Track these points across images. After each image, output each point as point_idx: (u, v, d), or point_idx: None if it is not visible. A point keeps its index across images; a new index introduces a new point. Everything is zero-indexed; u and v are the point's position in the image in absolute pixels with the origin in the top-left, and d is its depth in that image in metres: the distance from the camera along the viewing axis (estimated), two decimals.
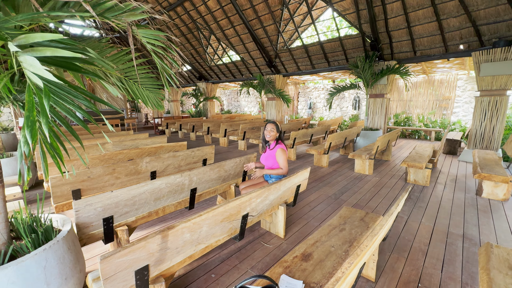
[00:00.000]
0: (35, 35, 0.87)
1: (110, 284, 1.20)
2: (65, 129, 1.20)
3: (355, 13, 6.74)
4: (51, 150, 1.02)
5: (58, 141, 1.04)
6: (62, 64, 1.02)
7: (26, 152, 1.21)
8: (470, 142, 5.83)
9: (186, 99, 20.48)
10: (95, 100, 1.09)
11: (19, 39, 0.91)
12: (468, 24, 5.55)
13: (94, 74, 1.26)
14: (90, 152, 4.16)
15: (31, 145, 0.90)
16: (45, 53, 0.89)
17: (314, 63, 8.99)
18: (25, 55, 0.88)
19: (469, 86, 9.02)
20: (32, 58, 0.86)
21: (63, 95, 1.03)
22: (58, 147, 1.03)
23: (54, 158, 1.28)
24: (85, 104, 1.19)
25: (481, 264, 1.59)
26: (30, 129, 0.86)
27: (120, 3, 1.35)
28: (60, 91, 1.01)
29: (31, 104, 0.88)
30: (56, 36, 1.00)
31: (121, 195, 1.98)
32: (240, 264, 2.20)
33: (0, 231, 1.39)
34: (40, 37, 0.87)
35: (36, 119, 1.04)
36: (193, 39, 11.49)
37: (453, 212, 3.20)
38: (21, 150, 1.19)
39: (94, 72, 1.28)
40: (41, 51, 0.89)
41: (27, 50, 0.89)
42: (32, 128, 0.87)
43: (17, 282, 1.30)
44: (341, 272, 1.00)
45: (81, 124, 1.20)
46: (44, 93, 0.87)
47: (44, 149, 1.06)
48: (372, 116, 7.51)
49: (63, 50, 0.88)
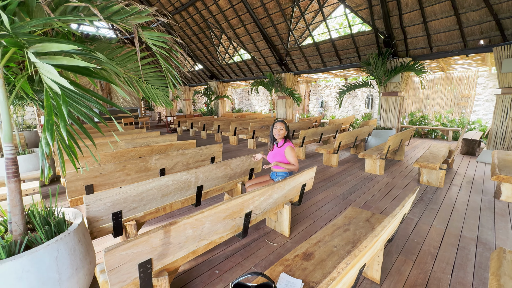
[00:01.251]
0: (52, 44, 0.92)
1: (114, 276, 1.25)
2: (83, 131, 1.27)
3: (368, 9, 6.56)
4: (67, 149, 1.08)
5: (73, 140, 1.11)
6: (76, 70, 1.08)
7: (47, 152, 1.29)
8: (490, 142, 5.55)
9: (198, 98, 20.77)
10: (106, 103, 1.15)
11: (36, 47, 0.97)
12: (489, 18, 5.27)
13: (103, 78, 1.32)
14: (104, 149, 4.33)
15: (51, 146, 0.96)
16: (62, 62, 0.94)
17: (326, 61, 8.85)
18: (43, 62, 0.93)
19: (491, 84, 8.57)
20: (49, 65, 0.91)
21: (78, 99, 1.09)
22: (73, 146, 1.09)
23: (70, 156, 1.36)
24: (97, 106, 1.24)
25: (492, 270, 1.53)
26: (50, 132, 0.92)
27: (126, 6, 1.40)
28: (74, 95, 1.07)
29: (50, 108, 0.94)
30: (71, 47, 1.05)
31: (129, 191, 2.05)
32: (244, 261, 2.22)
33: (16, 222, 1.49)
34: (57, 47, 0.92)
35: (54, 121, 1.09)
36: (204, 39, 11.62)
37: (468, 215, 3.07)
38: (42, 150, 1.27)
39: (103, 75, 1.34)
40: (58, 60, 0.94)
41: (43, 58, 0.95)
42: (51, 130, 0.93)
43: (32, 271, 1.39)
44: (337, 272, 1.00)
45: (93, 125, 1.26)
46: (62, 100, 0.92)
47: (61, 148, 1.13)
48: (384, 114, 7.30)
49: (78, 60, 0.93)
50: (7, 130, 1.44)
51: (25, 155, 4.05)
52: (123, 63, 2.06)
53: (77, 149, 4.10)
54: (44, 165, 1.37)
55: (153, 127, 13.97)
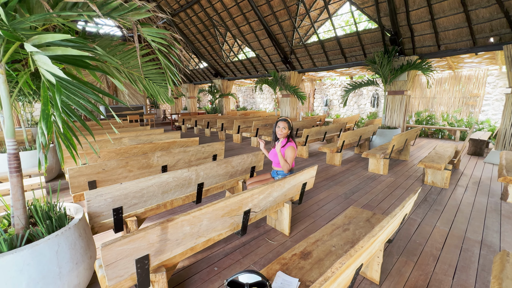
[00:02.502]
0: (47, 35, 0.93)
1: (111, 271, 1.27)
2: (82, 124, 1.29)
3: (374, 6, 6.45)
4: (66, 141, 1.09)
5: (72, 133, 1.12)
6: (72, 61, 1.09)
7: (43, 143, 1.31)
8: (499, 143, 5.42)
9: (203, 96, 20.84)
10: (104, 95, 1.15)
11: (33, 39, 0.98)
12: (500, 15, 5.12)
13: (102, 70, 1.33)
14: (108, 146, 4.38)
15: (46, 136, 0.97)
16: (56, 52, 0.95)
17: (331, 59, 8.76)
18: (39, 54, 0.94)
19: (501, 83, 8.35)
20: (44, 56, 0.92)
21: (74, 90, 1.10)
22: (71, 138, 1.10)
23: (69, 148, 1.38)
24: (94, 98, 1.25)
25: (494, 273, 1.49)
26: (46, 121, 0.94)
27: (125, 3, 1.40)
28: (70, 86, 1.07)
29: (46, 99, 0.96)
30: (65, 36, 1.07)
31: (129, 187, 2.07)
32: (243, 259, 2.22)
33: (18, 216, 1.52)
34: (51, 37, 0.93)
35: (51, 112, 1.10)
36: (209, 36, 11.62)
37: (473, 216, 3.01)
38: (39, 141, 1.29)
39: (102, 68, 1.35)
40: (53, 50, 0.95)
41: (40, 50, 0.96)
42: (47, 120, 0.94)
43: (32, 264, 1.41)
44: (331, 272, 0.98)
45: (91, 116, 1.28)
46: (56, 89, 0.93)
47: (59, 140, 1.14)
48: (390, 113, 7.20)
49: (71, 49, 0.94)
50: (10, 126, 1.47)
51: (32, 150, 4.13)
52: (125, 60, 2.07)
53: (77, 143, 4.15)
54: (42, 157, 1.39)
55: (158, 125, 14.09)
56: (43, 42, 0.99)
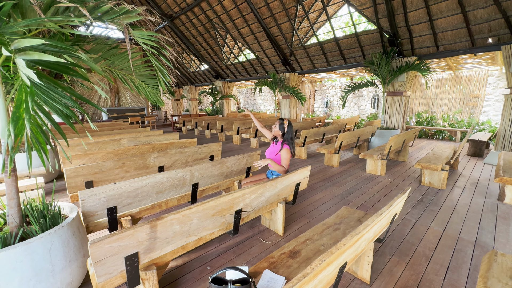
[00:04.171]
0: (24, 40, 0.97)
1: (100, 268, 1.29)
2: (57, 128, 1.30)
3: (372, 7, 6.47)
4: (37, 144, 1.13)
5: (45, 136, 1.15)
6: (53, 66, 1.12)
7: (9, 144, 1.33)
8: (498, 144, 5.39)
9: (204, 98, 20.94)
10: (82, 100, 1.19)
11: (14, 43, 1.02)
12: (498, 16, 5.11)
13: (80, 75, 1.35)
14: (107, 147, 4.43)
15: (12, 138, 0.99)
16: (33, 56, 0.98)
17: (330, 60, 8.78)
18: (19, 58, 0.98)
19: (502, 83, 8.31)
20: (21, 60, 0.96)
21: (51, 95, 1.13)
22: (43, 142, 1.13)
23: (39, 152, 1.39)
24: (70, 103, 1.27)
25: (481, 272, 1.50)
26: (15, 124, 0.97)
27: (115, 6, 1.44)
28: (49, 91, 1.11)
29: (20, 102, 0.99)
30: (40, 41, 1.07)
31: (124, 187, 2.11)
32: (235, 258, 2.24)
33: (12, 215, 1.56)
34: (28, 41, 0.97)
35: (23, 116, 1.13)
36: (210, 39, 11.71)
37: (468, 217, 3.00)
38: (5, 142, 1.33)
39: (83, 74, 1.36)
40: (30, 55, 0.99)
41: (21, 54, 1.00)
42: (16, 122, 0.97)
43: (25, 261, 1.45)
44: (310, 268, 1.00)
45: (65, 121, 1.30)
46: (30, 92, 0.96)
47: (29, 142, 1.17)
48: (389, 114, 7.19)
49: (47, 55, 0.97)
50: (5, 127, 1.51)
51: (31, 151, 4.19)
52: (119, 62, 2.11)
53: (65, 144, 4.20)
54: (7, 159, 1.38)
55: (159, 126, 14.19)
56: (21, 46, 1.02)
